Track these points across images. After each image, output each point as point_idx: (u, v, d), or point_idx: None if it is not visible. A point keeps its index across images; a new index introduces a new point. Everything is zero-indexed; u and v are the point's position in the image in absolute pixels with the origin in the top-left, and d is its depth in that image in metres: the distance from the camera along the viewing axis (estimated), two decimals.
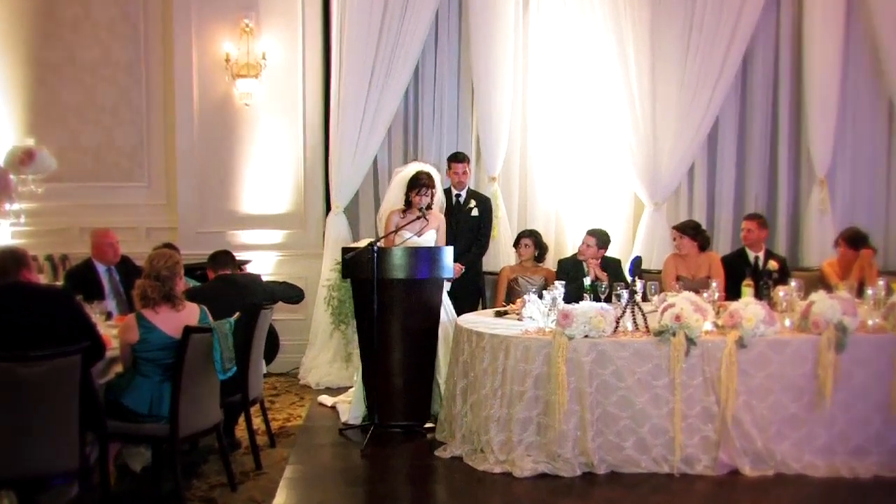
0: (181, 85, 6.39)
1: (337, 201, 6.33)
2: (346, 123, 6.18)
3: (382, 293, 4.55)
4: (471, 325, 4.39)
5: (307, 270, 6.45)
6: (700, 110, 6.29)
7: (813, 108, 6.36)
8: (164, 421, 3.50)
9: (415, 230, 4.90)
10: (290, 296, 4.80)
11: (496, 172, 6.39)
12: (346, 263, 4.67)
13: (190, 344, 3.48)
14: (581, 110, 6.51)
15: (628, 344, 3.95)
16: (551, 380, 3.90)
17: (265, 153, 6.52)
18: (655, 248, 6.35)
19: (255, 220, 6.54)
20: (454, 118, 6.60)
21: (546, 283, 5.40)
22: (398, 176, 5.20)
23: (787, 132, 6.56)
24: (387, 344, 4.66)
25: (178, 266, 3.64)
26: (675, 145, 6.34)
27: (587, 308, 3.98)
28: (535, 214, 6.54)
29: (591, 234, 5.43)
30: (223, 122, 6.46)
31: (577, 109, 6.52)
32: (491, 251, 6.17)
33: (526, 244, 5.70)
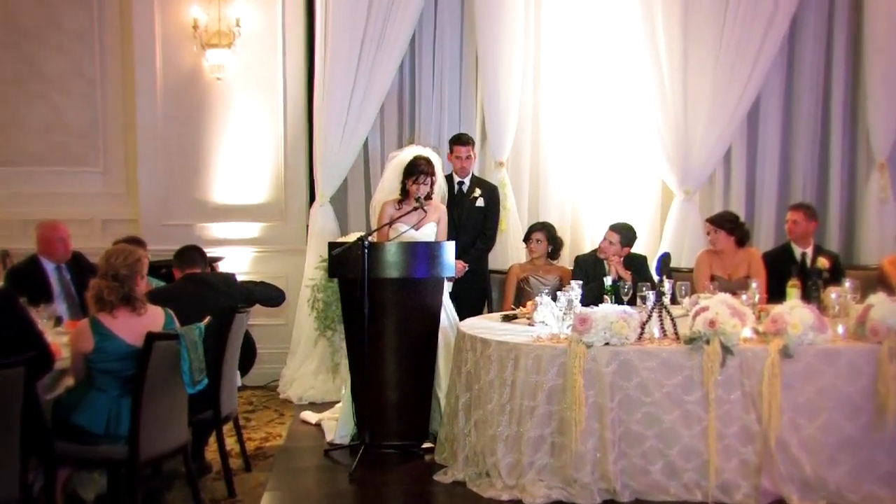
0: (142, 55, 6.37)
1: (322, 190, 6.32)
2: (333, 100, 6.16)
3: (374, 295, 4.54)
4: (475, 330, 4.37)
5: (288, 268, 6.45)
6: (739, 85, 6.26)
7: (873, 82, 6.31)
8: (122, 442, 3.49)
9: (411, 223, 4.90)
10: (268, 297, 4.79)
11: (504, 157, 6.38)
12: (332, 260, 4.66)
13: (153, 353, 3.47)
14: (601, 86, 6.50)
15: (655, 353, 3.94)
16: (567, 394, 3.89)
17: (240, 134, 6.51)
18: (686, 243, 6.35)
19: (228, 212, 6.53)
20: (456, 95, 6.59)
21: (561, 284, 5.39)
22: (393, 161, 5.19)
23: (841, 109, 6.54)
24: (379, 352, 4.66)
25: (139, 264, 3.63)
26: (710, 125, 6.33)
27: (608, 312, 3.97)
28: (549, 205, 6.53)
29: (613, 230, 5.42)
30: (191, 98, 6.45)
31: (596, 85, 6.51)
32: (498, 247, 6.17)
33: (538, 239, 5.69)
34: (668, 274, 4.42)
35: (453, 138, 5.87)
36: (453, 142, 5.83)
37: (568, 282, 4.84)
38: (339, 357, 5.75)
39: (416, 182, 4.91)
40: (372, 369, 4.62)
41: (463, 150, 5.75)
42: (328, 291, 5.63)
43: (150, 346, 3.47)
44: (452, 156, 5.81)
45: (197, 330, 3.72)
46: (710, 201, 6.63)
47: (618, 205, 6.49)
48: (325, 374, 6.03)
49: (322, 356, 6.07)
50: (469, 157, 5.78)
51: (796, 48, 6.55)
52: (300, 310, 6.22)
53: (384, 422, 4.69)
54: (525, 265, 5.79)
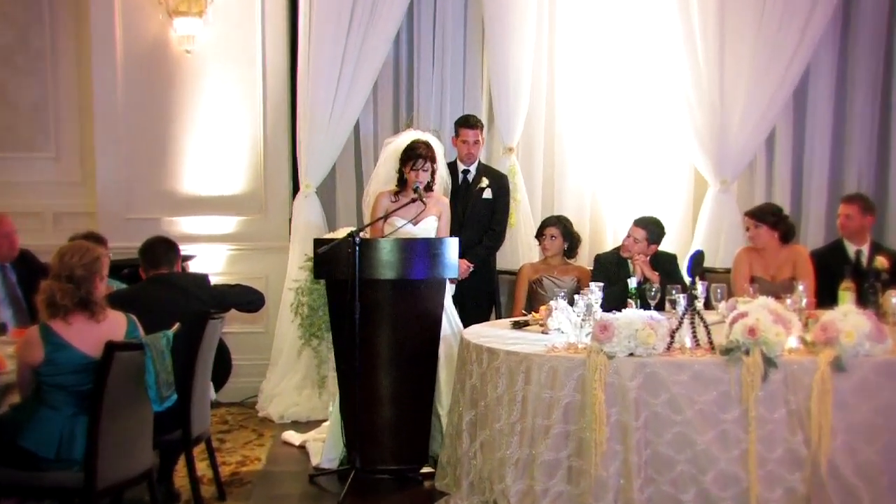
0: (99, 24, 6.36)
1: (307, 179, 6.33)
2: (320, 77, 6.16)
3: (367, 298, 4.54)
4: (481, 339, 4.37)
5: (268, 269, 6.46)
6: (784, 57, 6.26)
7: None
8: (76, 467, 3.48)
9: (409, 217, 4.90)
10: (245, 301, 4.79)
11: (514, 142, 6.39)
12: (319, 259, 4.66)
13: (114, 365, 3.47)
14: (625, 60, 6.51)
15: (687, 365, 3.93)
16: (586, 411, 3.88)
17: (213, 115, 6.52)
18: (723, 240, 6.36)
19: (199, 204, 6.54)
20: (459, 70, 6.60)
21: (578, 286, 5.39)
22: (388, 147, 5.21)
23: None
24: (372, 364, 4.66)
25: (97, 263, 3.63)
26: (750, 105, 6.32)
27: (632, 318, 3.96)
28: (565, 196, 6.54)
29: (639, 225, 5.42)
30: (157, 74, 6.45)
31: (619, 59, 6.51)
32: (507, 244, 6.18)
33: (552, 235, 5.69)
34: (701, 275, 4.42)
35: (460, 120, 5.87)
36: (459, 124, 5.82)
37: (586, 284, 4.84)
38: (326, 369, 5.76)
39: (415, 169, 4.92)
40: (364, 383, 4.62)
41: (470, 134, 5.75)
42: (314, 295, 5.64)
43: (110, 358, 3.46)
44: (458, 140, 5.80)
45: (164, 338, 3.72)
46: (749, 192, 6.63)
47: (644, 196, 6.49)
48: (311, 389, 6.04)
49: (307, 368, 6.08)
50: (477, 141, 5.78)
51: (852, 15, 6.54)
52: (282, 316, 6.23)
53: (377, 443, 4.69)
54: (538, 265, 5.79)
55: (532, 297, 5.62)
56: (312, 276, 5.31)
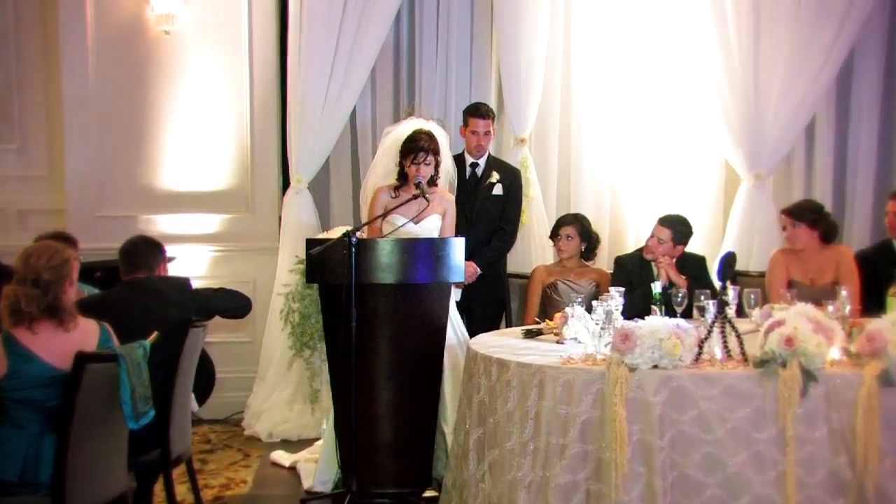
0: (68, 1, 6.36)
1: (298, 173, 6.34)
2: (312, 61, 6.18)
3: (364, 305, 4.55)
4: (490, 349, 4.37)
5: (256, 272, 6.48)
6: (825, 38, 6.25)
7: None
8: (43, 491, 3.48)
9: (411, 214, 4.91)
10: (230, 307, 4.79)
11: (526, 132, 6.40)
12: (311, 262, 4.66)
13: (84, 378, 3.46)
14: (649, 41, 6.51)
15: (717, 378, 3.92)
16: (605, 429, 3.87)
17: (195, 103, 6.54)
18: (756, 240, 6.36)
19: (179, 201, 6.56)
20: (466, 54, 6.61)
21: (597, 291, 5.39)
22: (387, 138, 5.22)
23: None
24: (370, 377, 4.66)
25: (67, 266, 3.63)
26: (788, 90, 6.32)
27: (657, 326, 3.95)
28: (583, 192, 6.55)
29: (663, 224, 5.42)
30: (132, 57, 6.47)
31: (643, 40, 6.52)
32: (519, 245, 6.19)
33: (568, 235, 5.69)
34: (732, 279, 4.40)
35: (470, 109, 5.86)
36: (469, 113, 5.82)
37: (606, 288, 4.83)
38: (320, 383, 5.77)
39: (416, 162, 4.92)
40: (361, 398, 4.61)
41: (481, 125, 5.75)
42: (306, 300, 5.65)
43: (81, 370, 3.45)
44: (467, 130, 5.81)
45: (141, 349, 3.72)
46: (787, 187, 6.63)
47: (669, 192, 6.50)
48: (302, 405, 6.05)
49: (298, 382, 6.09)
50: (488, 133, 5.80)
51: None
52: (271, 324, 6.24)
53: (376, 464, 4.69)
54: (552, 268, 5.79)
55: (546, 304, 5.62)
56: (304, 279, 5.30)
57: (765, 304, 4.63)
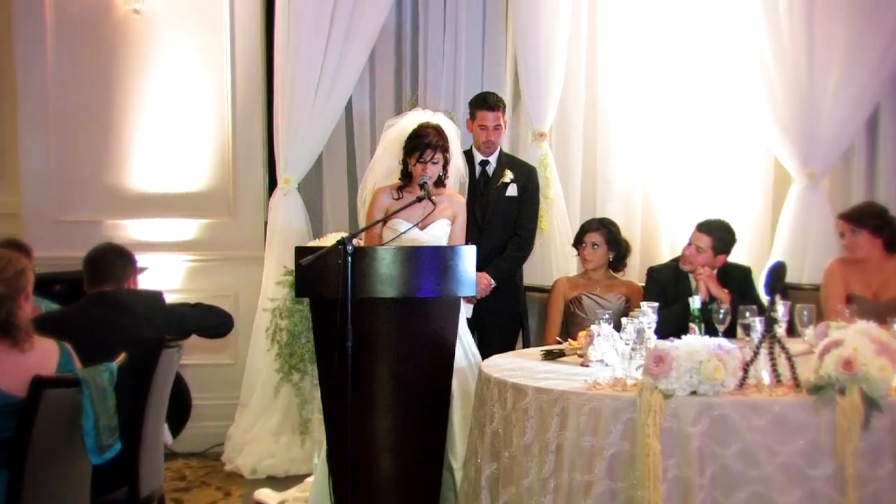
0: None
1: (287, 172, 6.36)
2: (302, 45, 6.20)
3: (362, 322, 4.53)
4: (505, 373, 4.37)
5: (238, 284, 6.50)
6: (890, 18, 6.24)
7: None
8: None
9: (415, 219, 4.92)
10: (209, 325, 4.81)
11: (546, 126, 6.41)
12: (301, 273, 4.67)
13: (42, 406, 3.46)
14: (687, 23, 6.51)
15: (765, 406, 3.91)
16: (637, 464, 3.87)
17: (168, 93, 6.57)
18: (810, 248, 6.36)
19: (150, 203, 6.58)
20: (477, 37, 6.63)
21: (627, 306, 5.40)
22: (389, 132, 5.22)
23: None
24: (368, 405, 4.66)
25: (21, 278, 3.63)
26: (846, 79, 6.32)
27: (695, 347, 3.95)
28: (610, 194, 6.56)
29: (703, 231, 5.42)
30: (97, 41, 6.50)
31: (680, 22, 6.51)
32: (537, 254, 6.20)
33: (594, 243, 5.70)
34: (782, 292, 4.40)
35: (476, 100, 5.87)
36: (476, 105, 5.83)
37: (637, 304, 4.83)
38: (311, 411, 5.76)
39: (423, 161, 4.93)
40: (357, 428, 4.59)
41: (490, 118, 5.77)
42: (295, 317, 5.65)
43: (38, 396, 3.45)
44: (474, 124, 5.82)
45: (107, 372, 3.72)
46: (845, 188, 6.63)
47: (710, 193, 6.50)
48: (291, 436, 6.05)
49: (286, 410, 6.09)
50: (498, 126, 5.80)
51: None
52: (255, 343, 6.25)
53: (375, 503, 4.69)
54: (576, 280, 5.80)
55: (569, 321, 5.63)
56: (293, 293, 5.31)
57: (820, 321, 4.62)
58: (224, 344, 6.02)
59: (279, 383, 5.88)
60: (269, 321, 5.81)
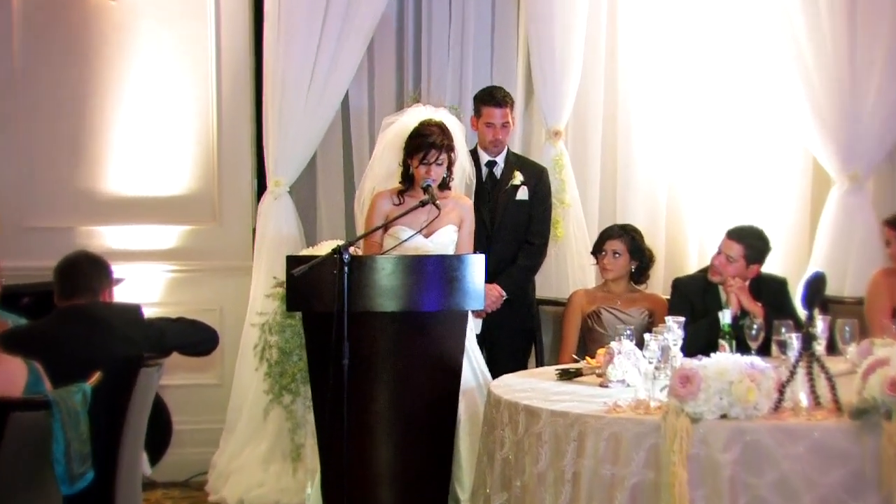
0: None
1: (277, 174, 6.37)
2: (294, 35, 6.21)
3: (359, 338, 4.53)
4: (516, 394, 4.37)
5: (224, 297, 6.51)
6: None
7: None
8: None
9: (418, 225, 4.94)
10: (192, 342, 4.81)
11: (561, 123, 6.41)
12: (293, 285, 4.69)
13: (8, 430, 3.47)
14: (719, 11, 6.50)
15: (803, 432, 3.90)
16: (662, 494, 3.87)
17: (147, 89, 6.58)
18: (852, 258, 6.34)
19: (128, 209, 6.59)
20: (486, 26, 6.64)
21: (651, 321, 5.41)
22: (388, 130, 5.23)
23: None
24: (366, 430, 4.67)
25: None
26: (890, 76, 6.31)
27: (726, 366, 3.95)
28: (633, 198, 6.56)
29: (734, 238, 5.42)
30: (69, 31, 6.51)
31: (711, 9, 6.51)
32: (552, 264, 6.22)
33: (615, 251, 5.70)
34: (822, 306, 4.40)
35: (482, 95, 5.86)
36: (482, 101, 5.82)
37: (662, 319, 4.83)
38: (304, 436, 5.76)
39: (426, 162, 4.94)
40: (354, 455, 4.60)
41: (497, 115, 5.76)
42: (286, 333, 5.65)
43: (3, 420, 3.46)
44: (480, 122, 5.82)
45: (79, 394, 3.73)
46: (891, 191, 6.61)
47: (741, 197, 6.48)
48: (282, 464, 6.03)
49: (276, 435, 6.08)
50: (507, 124, 5.80)
51: None
52: (242, 362, 6.25)
53: None
54: (595, 292, 5.81)
55: (586, 337, 5.63)
56: (284, 307, 5.31)
57: (863, 337, 4.61)
58: (208, 362, 6.01)
59: (269, 406, 5.88)
60: (258, 337, 5.81)
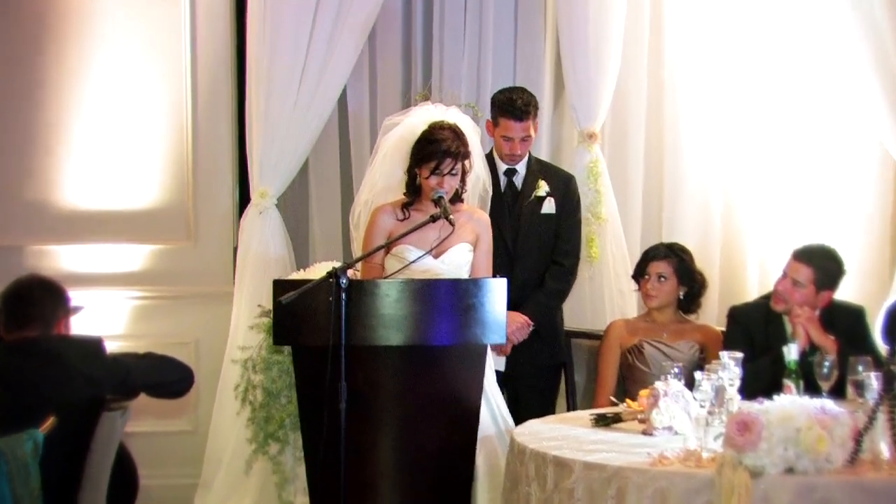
0: None
1: (263, 185, 6.41)
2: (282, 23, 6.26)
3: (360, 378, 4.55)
4: (544, 443, 4.38)
5: (200, 328, 6.56)
6: None
7: None
8: None
9: (428, 244, 4.96)
10: (162, 381, 4.83)
11: (597, 124, 6.44)
12: (282, 314, 4.70)
13: None
14: None
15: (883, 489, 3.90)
16: None
17: (111, 85, 6.63)
18: None
19: (87, 225, 6.64)
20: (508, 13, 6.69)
21: (703, 357, 5.41)
22: (391, 135, 5.25)
23: None
24: (368, 485, 4.67)
25: None
26: None
27: (791, 410, 3.95)
28: (681, 211, 6.59)
29: (801, 259, 5.40)
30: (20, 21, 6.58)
31: None
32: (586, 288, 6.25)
33: (660, 274, 5.71)
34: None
35: (500, 104, 5.78)
36: (500, 110, 5.74)
37: (715, 354, 4.81)
38: (292, 493, 5.76)
39: (438, 172, 4.95)
40: None
41: (517, 129, 5.72)
42: (273, 371, 5.66)
43: None
44: (497, 132, 5.80)
45: (30, 442, 3.76)
46: None
47: (810, 212, 6.47)
48: None
49: (260, 491, 6.09)
50: (529, 137, 5.79)
51: None
52: (221, 405, 6.27)
53: None
54: (636, 323, 5.81)
55: (626, 376, 5.64)
56: (270, 340, 5.32)
57: None
58: (181, 406, 6.04)
59: (252, 457, 5.89)
60: (240, 376, 5.81)
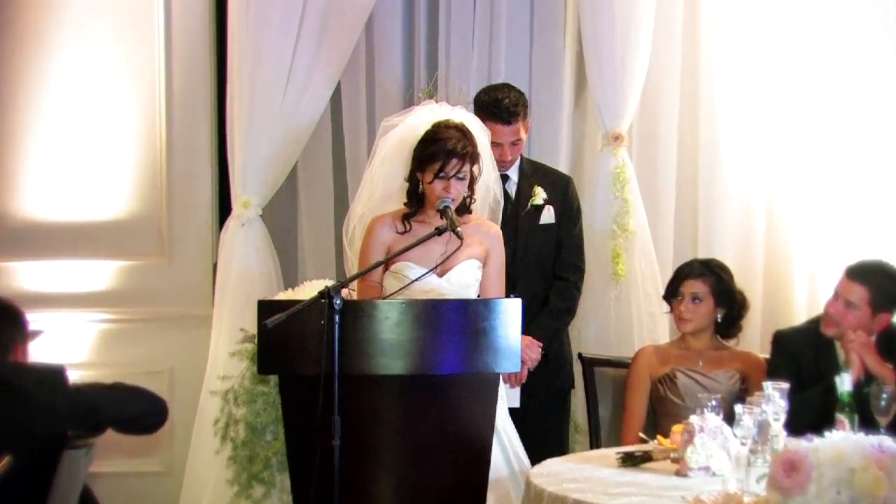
0: None
1: (246, 193, 6.44)
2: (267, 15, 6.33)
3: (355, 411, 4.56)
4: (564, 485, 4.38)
5: (174, 355, 6.60)
6: None
7: None
8: None
9: (432, 261, 4.98)
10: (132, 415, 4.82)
11: (623, 125, 6.47)
12: (267, 339, 4.70)
13: None
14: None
15: None
16: None
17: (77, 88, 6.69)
18: None
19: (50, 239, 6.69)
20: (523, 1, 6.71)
21: (744, 388, 5.42)
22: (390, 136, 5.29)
23: None
24: None
25: None
26: None
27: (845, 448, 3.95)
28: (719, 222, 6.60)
29: (855, 277, 5.40)
30: None
31: None
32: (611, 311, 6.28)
33: (695, 295, 5.71)
34: None
35: (484, 103, 5.83)
36: (485, 112, 5.74)
37: (758, 385, 4.82)
38: None
39: (443, 176, 4.97)
40: None
41: (506, 133, 5.77)
42: (258, 404, 5.67)
43: None
44: None
45: None
46: None
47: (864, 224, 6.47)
48: None
49: None
50: (518, 141, 5.83)
51: None
52: (198, 442, 6.28)
53: None
54: (668, 349, 5.82)
55: (657, 409, 5.65)
56: (254, 368, 5.32)
57: None
58: (153, 442, 6.04)
59: (234, 500, 5.90)
60: (220, 409, 5.83)
